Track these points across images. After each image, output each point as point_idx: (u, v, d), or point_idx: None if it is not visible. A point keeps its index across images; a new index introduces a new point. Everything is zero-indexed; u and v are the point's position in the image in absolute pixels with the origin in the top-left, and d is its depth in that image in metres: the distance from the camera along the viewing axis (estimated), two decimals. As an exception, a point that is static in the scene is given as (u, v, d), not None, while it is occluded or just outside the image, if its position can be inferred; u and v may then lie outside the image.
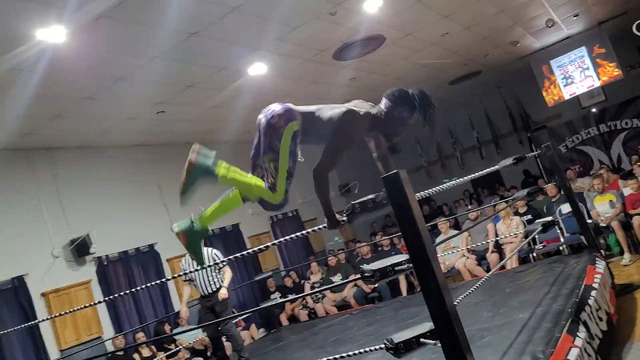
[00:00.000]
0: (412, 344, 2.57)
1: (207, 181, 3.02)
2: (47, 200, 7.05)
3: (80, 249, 6.98)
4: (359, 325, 6.04)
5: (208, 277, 5.72)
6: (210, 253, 5.76)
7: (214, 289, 5.70)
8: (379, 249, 9.31)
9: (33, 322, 5.00)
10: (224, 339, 6.09)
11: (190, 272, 5.46)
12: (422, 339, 2.64)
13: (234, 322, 6.99)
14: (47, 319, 5.01)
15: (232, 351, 6.13)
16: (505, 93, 13.19)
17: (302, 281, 9.62)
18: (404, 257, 2.84)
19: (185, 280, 5.85)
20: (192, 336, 7.34)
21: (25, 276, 6.39)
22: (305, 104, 3.23)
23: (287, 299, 8.22)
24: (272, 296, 8.95)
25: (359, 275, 8.39)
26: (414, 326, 2.97)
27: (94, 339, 6.77)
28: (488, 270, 7.45)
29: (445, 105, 13.49)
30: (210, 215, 3.17)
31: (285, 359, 5.64)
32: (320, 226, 3.21)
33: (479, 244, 7.77)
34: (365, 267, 2.82)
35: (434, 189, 3.22)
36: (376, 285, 8.39)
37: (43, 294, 6.53)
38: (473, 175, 4.95)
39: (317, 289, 8.37)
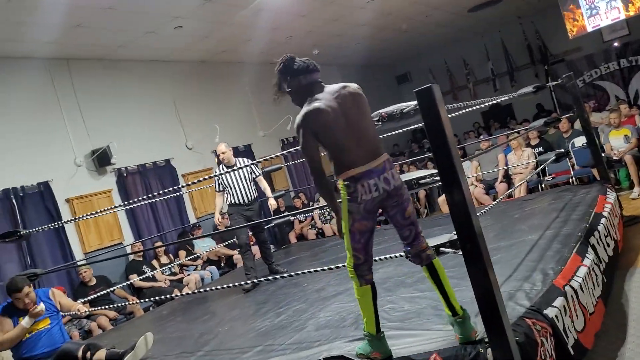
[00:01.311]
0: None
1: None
2: (68, 110, 7.17)
3: (101, 159, 7.18)
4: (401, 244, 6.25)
5: (248, 185, 5.60)
6: (242, 162, 5.59)
7: (253, 198, 5.63)
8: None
9: (59, 223, 5.25)
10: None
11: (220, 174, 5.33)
12: (441, 248, 2.83)
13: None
14: (74, 219, 5.24)
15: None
16: (525, 24, 12.91)
17: (311, 203, 9.89)
18: (428, 171, 2.98)
19: (218, 191, 5.71)
20: (207, 247, 7.69)
21: (51, 182, 6.64)
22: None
23: (298, 216, 8.50)
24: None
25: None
26: (433, 237, 3.17)
27: (116, 244, 7.12)
28: (495, 199, 7.65)
29: (462, 35, 13.27)
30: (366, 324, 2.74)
31: (298, 270, 5.91)
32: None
33: (486, 172, 7.92)
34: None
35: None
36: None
37: (67, 200, 6.80)
38: (486, 101, 5.02)
39: (326, 209, 8.62)
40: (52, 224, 4.99)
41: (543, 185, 7.59)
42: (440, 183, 2.54)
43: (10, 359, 4.82)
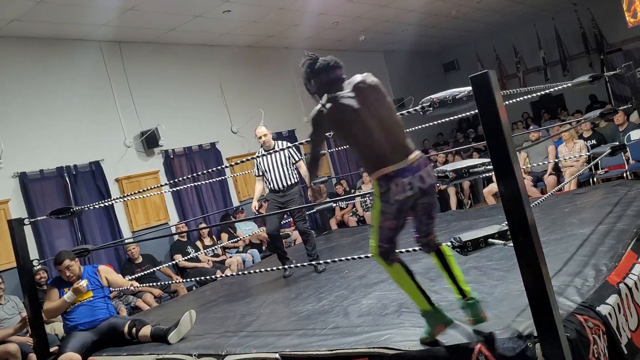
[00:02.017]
0: (479, 243, 2.69)
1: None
2: (119, 92, 7.36)
3: (149, 141, 7.35)
4: (410, 234, 6.14)
5: (284, 170, 5.28)
6: (282, 145, 5.29)
7: (289, 184, 5.28)
8: (432, 163, 9.37)
9: (110, 201, 5.40)
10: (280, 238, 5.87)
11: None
12: (490, 239, 2.76)
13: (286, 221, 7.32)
14: (124, 197, 5.38)
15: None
16: (580, 10, 12.43)
17: (353, 190, 9.86)
18: (479, 160, 2.91)
19: (257, 176, 5.47)
20: (249, 230, 7.78)
21: (102, 162, 6.85)
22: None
23: (340, 202, 8.49)
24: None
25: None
26: (480, 228, 3.10)
27: (162, 224, 7.30)
28: (543, 192, 7.44)
29: (513, 21, 12.88)
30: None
31: (339, 257, 5.90)
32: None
33: (535, 164, 7.70)
34: (440, 167, 2.92)
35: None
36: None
37: (117, 180, 7.01)
38: (539, 89, 4.84)
39: (369, 193, 8.59)
40: (103, 202, 5.13)
41: (595, 179, 7.33)
42: (492, 173, 2.47)
43: (61, 328, 5.05)
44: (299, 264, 4.16)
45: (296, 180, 5.39)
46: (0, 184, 6.07)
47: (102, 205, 5.17)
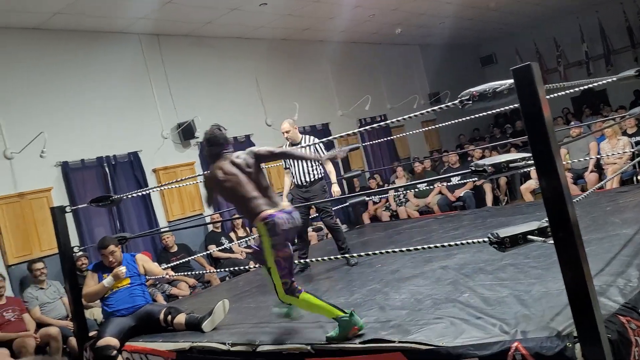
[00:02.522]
0: (518, 240, 2.63)
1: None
2: (157, 84, 7.50)
3: (185, 132, 7.47)
4: (444, 229, 6.11)
5: (307, 165, 5.23)
6: (309, 140, 5.30)
7: (311, 179, 5.23)
8: (469, 158, 9.23)
9: (147, 190, 5.51)
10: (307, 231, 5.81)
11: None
12: (529, 236, 2.70)
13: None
14: (160, 187, 5.47)
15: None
16: (626, 3, 12.01)
17: (386, 184, 9.81)
18: (520, 155, 2.84)
19: (285, 168, 5.48)
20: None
21: (140, 152, 6.99)
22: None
23: (373, 196, 8.45)
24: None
25: (445, 183, 8.37)
26: (517, 224, 3.03)
27: (197, 214, 7.42)
28: (583, 190, 7.25)
29: (555, 14, 12.55)
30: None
31: (372, 250, 5.87)
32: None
33: (575, 160, 7.50)
34: (478, 162, 2.86)
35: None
36: (461, 194, 8.51)
37: (154, 170, 7.14)
38: (583, 83, 4.70)
39: (403, 187, 8.52)
40: (141, 190, 5.24)
41: (638, 178, 7.09)
42: (531, 169, 2.42)
43: (100, 313, 5.18)
44: (332, 257, 4.15)
45: (320, 176, 5.31)
46: (43, 172, 6.25)
47: (139, 194, 5.28)
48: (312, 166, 5.26)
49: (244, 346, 3.37)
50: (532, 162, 2.44)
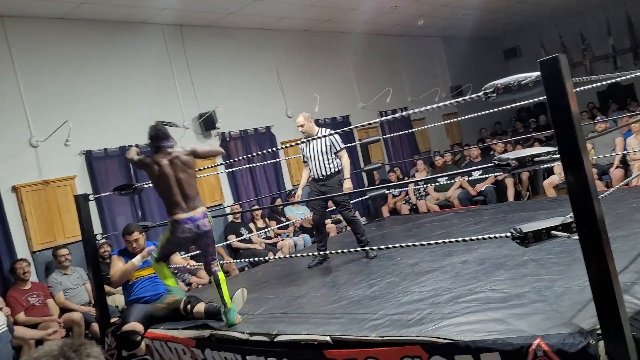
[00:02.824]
0: (541, 235, 2.59)
1: None
2: (179, 74, 7.55)
3: (207, 123, 7.51)
4: (464, 223, 6.06)
5: (323, 159, 5.19)
6: (323, 133, 5.23)
7: (327, 173, 5.20)
8: (491, 152, 9.13)
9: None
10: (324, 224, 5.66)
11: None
12: (553, 231, 2.66)
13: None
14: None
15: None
16: (656, -4, 11.73)
17: (406, 178, 9.76)
18: (545, 149, 2.80)
19: (304, 162, 5.45)
20: (301, 214, 7.84)
21: (161, 142, 7.04)
22: None
23: (393, 188, 8.42)
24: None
25: (466, 177, 8.27)
26: (540, 220, 2.99)
27: (217, 205, 7.47)
28: (608, 186, 7.12)
29: (581, 7, 12.31)
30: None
31: (391, 244, 5.86)
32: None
33: (601, 156, 7.36)
34: (502, 155, 2.82)
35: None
36: (482, 189, 8.42)
37: (175, 160, 7.21)
38: (610, 76, 4.60)
39: (423, 180, 8.47)
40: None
41: (665, 174, 6.94)
42: (554, 164, 2.38)
43: (121, 300, 5.26)
44: (351, 249, 4.15)
45: (337, 170, 5.25)
46: (67, 160, 6.35)
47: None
48: (328, 160, 5.20)
49: (262, 336, 3.39)
50: (558, 156, 2.40)
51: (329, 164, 5.19)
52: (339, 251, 4.23)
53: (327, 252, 4.98)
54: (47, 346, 0.92)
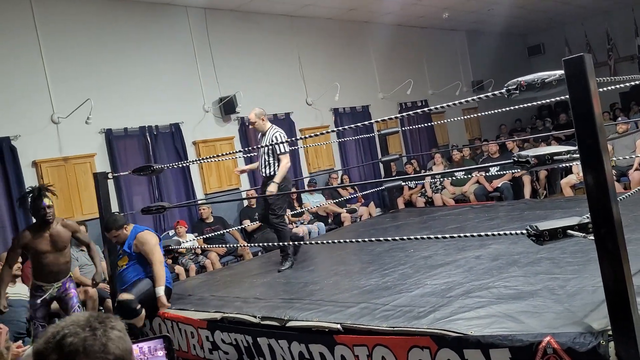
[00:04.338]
0: (557, 234, 2.59)
1: None
2: (201, 58, 7.58)
3: (227, 107, 7.55)
4: (479, 219, 6.04)
5: (267, 159, 4.96)
6: (271, 132, 4.94)
7: (268, 174, 4.93)
8: (509, 149, 9.06)
9: (187, 162, 5.61)
10: None
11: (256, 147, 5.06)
12: (569, 231, 2.66)
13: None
14: (200, 160, 5.57)
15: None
16: (687, -3, 11.48)
17: (422, 171, 9.73)
18: (564, 148, 2.78)
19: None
20: (317, 202, 7.88)
21: (181, 124, 7.12)
22: None
23: (409, 180, 8.41)
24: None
25: (483, 172, 8.19)
26: (556, 219, 2.99)
27: (233, 189, 7.54)
28: (626, 188, 7.04)
29: (609, 5, 12.08)
30: None
31: (406, 235, 5.86)
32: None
33: (620, 157, 7.27)
34: (521, 152, 2.82)
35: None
36: (499, 185, 8.37)
37: (194, 143, 7.27)
38: (630, 80, 4.53)
39: (440, 174, 8.45)
40: (181, 162, 5.35)
41: (686, 179, 6.85)
42: (572, 164, 2.37)
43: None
44: (365, 239, 4.17)
45: (274, 172, 4.92)
46: (87, 138, 6.44)
47: (179, 165, 5.38)
48: (271, 161, 4.94)
49: (273, 320, 3.44)
50: (577, 155, 2.40)
51: (271, 164, 4.94)
52: (352, 240, 4.25)
53: (289, 254, 4.89)
54: (74, 316, 0.96)
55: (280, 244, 4.88)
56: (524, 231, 2.74)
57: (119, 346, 0.91)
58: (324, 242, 5.29)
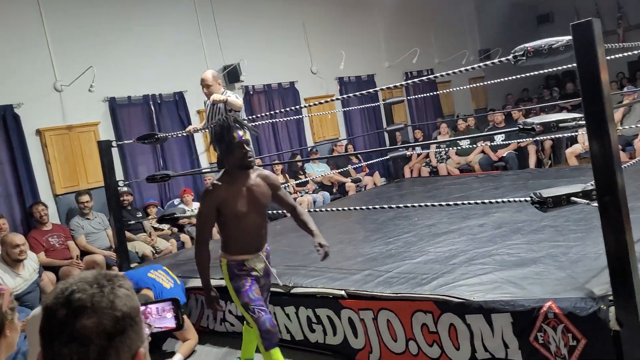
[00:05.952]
0: (561, 201, 2.60)
1: None
2: (205, 25, 7.48)
3: (231, 75, 7.49)
4: (484, 188, 6.06)
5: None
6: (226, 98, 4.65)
7: None
8: (515, 119, 9.00)
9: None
10: None
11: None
12: (573, 198, 2.66)
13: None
14: (205, 129, 5.53)
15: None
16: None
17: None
18: (571, 115, 2.77)
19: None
20: (321, 172, 7.89)
21: (185, 92, 7.07)
22: None
23: (413, 148, 8.39)
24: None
25: (488, 142, 8.13)
26: (561, 186, 2.99)
27: (238, 158, 7.53)
28: (632, 157, 7.00)
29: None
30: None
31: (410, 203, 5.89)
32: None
33: (626, 127, 7.21)
34: (526, 120, 2.80)
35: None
36: (504, 154, 8.35)
37: (198, 112, 7.23)
38: (636, 47, 4.46)
39: (445, 142, 8.43)
40: (186, 131, 5.33)
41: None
42: (578, 133, 2.36)
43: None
44: (369, 207, 4.19)
45: None
46: (91, 106, 6.42)
47: (183, 134, 5.38)
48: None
49: (279, 287, 3.48)
50: (583, 123, 2.38)
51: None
52: (357, 208, 4.27)
53: None
54: (83, 273, 0.98)
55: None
56: (528, 198, 2.75)
57: (126, 303, 0.93)
58: (328, 209, 5.32)
